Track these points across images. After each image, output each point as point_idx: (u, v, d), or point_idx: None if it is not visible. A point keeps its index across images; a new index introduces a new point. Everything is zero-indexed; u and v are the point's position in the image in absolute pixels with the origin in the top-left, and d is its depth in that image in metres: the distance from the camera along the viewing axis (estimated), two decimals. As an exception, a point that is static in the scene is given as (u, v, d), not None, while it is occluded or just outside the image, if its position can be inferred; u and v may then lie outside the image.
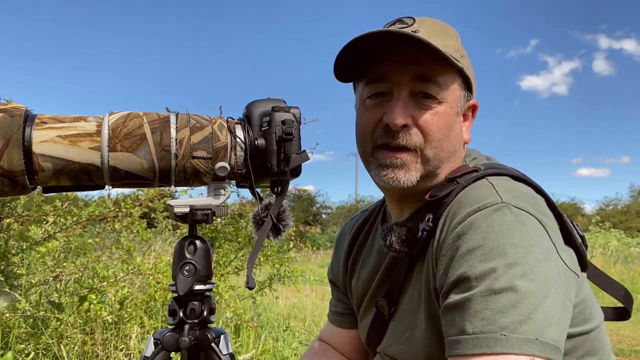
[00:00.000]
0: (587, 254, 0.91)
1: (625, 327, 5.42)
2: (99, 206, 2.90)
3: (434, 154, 0.89)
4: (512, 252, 0.74)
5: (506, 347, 0.70)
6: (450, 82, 0.90)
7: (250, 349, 3.38)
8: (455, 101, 0.91)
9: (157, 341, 0.87)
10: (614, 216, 27.01)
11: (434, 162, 0.90)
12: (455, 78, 0.90)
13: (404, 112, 0.87)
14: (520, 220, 0.77)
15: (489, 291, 0.73)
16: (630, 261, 10.41)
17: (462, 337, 0.73)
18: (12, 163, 0.74)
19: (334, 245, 1.22)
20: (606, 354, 0.93)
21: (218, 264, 3.52)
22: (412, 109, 0.88)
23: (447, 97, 0.89)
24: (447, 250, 0.80)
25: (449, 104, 0.89)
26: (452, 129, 0.90)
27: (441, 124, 0.88)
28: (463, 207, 0.82)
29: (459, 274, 0.76)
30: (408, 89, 0.88)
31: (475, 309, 0.73)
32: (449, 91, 0.89)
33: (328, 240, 19.49)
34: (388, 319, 0.98)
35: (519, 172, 0.91)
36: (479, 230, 0.77)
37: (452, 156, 0.92)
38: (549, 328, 0.71)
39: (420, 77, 0.87)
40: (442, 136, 0.89)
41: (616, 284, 1.06)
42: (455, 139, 0.92)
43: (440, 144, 0.89)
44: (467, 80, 0.92)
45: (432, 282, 0.85)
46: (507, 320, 0.70)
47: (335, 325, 1.21)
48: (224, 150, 0.83)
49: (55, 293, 2.93)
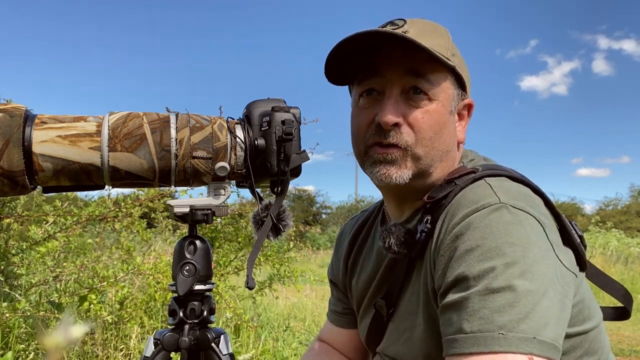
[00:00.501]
0: (586, 254, 0.91)
1: (625, 327, 5.42)
2: (99, 206, 2.89)
3: (425, 152, 0.89)
4: (510, 252, 0.74)
5: (504, 346, 0.70)
6: (441, 80, 0.90)
7: (250, 349, 3.38)
8: (448, 100, 0.91)
9: (157, 341, 0.87)
10: (614, 216, 27.00)
11: (425, 160, 0.90)
12: (447, 76, 0.91)
13: (394, 111, 0.87)
14: (519, 220, 0.78)
15: (487, 290, 0.73)
16: (630, 261, 10.41)
17: (460, 336, 0.73)
18: (12, 163, 0.74)
19: (334, 245, 1.23)
20: (605, 353, 0.93)
21: (218, 264, 3.52)
22: (403, 107, 0.88)
23: (438, 95, 0.89)
24: (445, 251, 0.80)
25: (440, 102, 0.90)
26: (444, 127, 0.90)
27: (432, 122, 0.89)
28: (461, 208, 0.82)
29: (457, 274, 0.76)
30: (399, 86, 0.89)
31: (473, 308, 0.73)
32: (440, 89, 0.89)
33: (328, 240, 19.48)
34: (387, 320, 0.99)
35: (517, 173, 0.91)
36: (477, 230, 0.77)
37: (445, 155, 0.92)
38: (546, 327, 0.71)
39: (411, 71, 0.88)
40: (432, 134, 0.89)
41: (616, 284, 1.06)
42: (448, 138, 0.92)
43: (431, 143, 0.89)
44: (460, 79, 0.92)
45: (431, 283, 0.85)
46: (505, 319, 0.71)
47: (335, 324, 1.21)
48: (224, 150, 0.83)
49: (55, 293, 2.93)
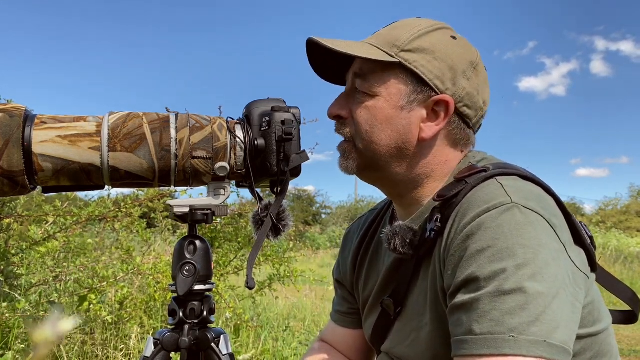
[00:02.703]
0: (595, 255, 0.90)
1: (625, 327, 5.42)
2: (99, 206, 2.89)
3: (364, 145, 0.92)
4: (521, 253, 0.74)
5: (514, 349, 0.69)
6: (387, 77, 0.91)
7: (250, 349, 3.38)
8: (395, 95, 0.90)
9: (156, 341, 0.87)
10: (614, 216, 26.99)
11: (366, 152, 0.92)
12: (397, 73, 0.90)
13: (338, 104, 0.95)
14: (530, 221, 0.77)
15: (497, 292, 0.72)
16: (630, 261, 10.41)
17: (470, 337, 0.73)
18: (12, 163, 0.74)
19: (341, 244, 1.22)
20: (614, 357, 0.93)
21: (218, 264, 3.52)
22: (351, 102, 0.94)
23: (381, 92, 0.91)
24: (456, 251, 0.80)
25: (382, 98, 0.91)
26: (385, 122, 0.91)
27: (368, 116, 0.91)
28: (472, 207, 0.81)
29: (468, 274, 0.76)
30: (350, 85, 0.96)
31: (483, 310, 0.73)
32: (384, 86, 0.91)
33: (328, 240, 19.46)
34: (394, 319, 0.98)
35: (528, 172, 0.90)
36: (488, 230, 0.77)
37: (399, 152, 0.92)
38: (557, 330, 0.71)
39: (356, 73, 0.94)
40: (369, 128, 0.91)
41: (623, 286, 1.05)
42: (395, 134, 0.91)
43: (369, 136, 0.91)
44: (417, 75, 0.90)
45: (440, 283, 0.85)
46: (516, 321, 0.70)
47: (339, 325, 1.21)
48: (224, 150, 0.83)
49: (55, 293, 2.93)
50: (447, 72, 0.91)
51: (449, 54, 0.92)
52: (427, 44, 0.91)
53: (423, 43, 0.91)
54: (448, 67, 0.91)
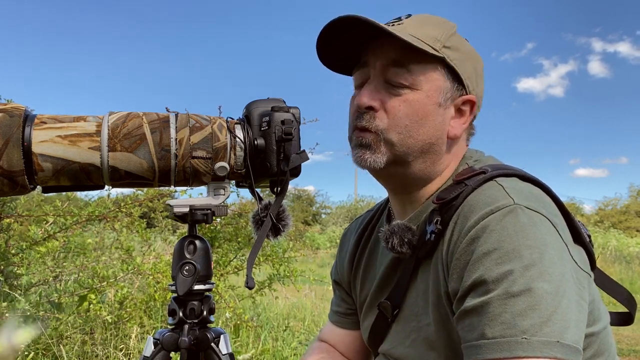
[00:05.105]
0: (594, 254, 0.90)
1: (624, 327, 5.42)
2: (99, 206, 2.90)
3: (399, 139, 0.88)
4: (527, 254, 0.73)
5: (528, 351, 0.69)
6: (428, 71, 0.89)
7: (250, 349, 3.38)
8: (436, 91, 0.89)
9: (156, 341, 0.87)
10: (613, 216, 27.01)
11: (400, 147, 0.89)
12: (437, 67, 0.89)
13: (370, 94, 0.89)
14: (534, 222, 0.77)
15: (507, 294, 0.72)
16: (630, 261, 10.41)
17: (482, 342, 0.72)
18: (11, 163, 0.74)
19: (339, 245, 1.22)
20: (612, 355, 0.93)
21: (218, 263, 3.52)
22: (383, 94, 0.89)
23: (422, 86, 0.88)
24: (461, 255, 0.79)
25: (424, 92, 0.88)
26: (426, 118, 0.89)
27: (409, 110, 0.88)
28: (475, 210, 0.81)
29: (475, 278, 0.76)
30: (382, 75, 0.90)
31: (494, 313, 0.72)
32: (425, 79, 0.88)
33: (328, 240, 19.44)
34: (391, 321, 0.98)
35: (526, 173, 0.90)
36: (493, 233, 0.77)
37: (428, 147, 0.90)
38: (568, 330, 0.71)
39: (394, 62, 0.88)
40: (409, 123, 0.88)
41: (619, 287, 1.05)
42: (432, 130, 0.90)
43: (408, 131, 0.88)
44: (455, 73, 0.91)
45: (444, 287, 0.84)
46: (528, 323, 0.70)
47: (337, 325, 1.21)
48: (224, 150, 0.83)
49: (55, 293, 2.93)
50: (473, 73, 0.93)
51: (473, 56, 0.94)
52: (459, 43, 0.92)
53: (456, 42, 0.92)
54: (473, 68, 0.94)
